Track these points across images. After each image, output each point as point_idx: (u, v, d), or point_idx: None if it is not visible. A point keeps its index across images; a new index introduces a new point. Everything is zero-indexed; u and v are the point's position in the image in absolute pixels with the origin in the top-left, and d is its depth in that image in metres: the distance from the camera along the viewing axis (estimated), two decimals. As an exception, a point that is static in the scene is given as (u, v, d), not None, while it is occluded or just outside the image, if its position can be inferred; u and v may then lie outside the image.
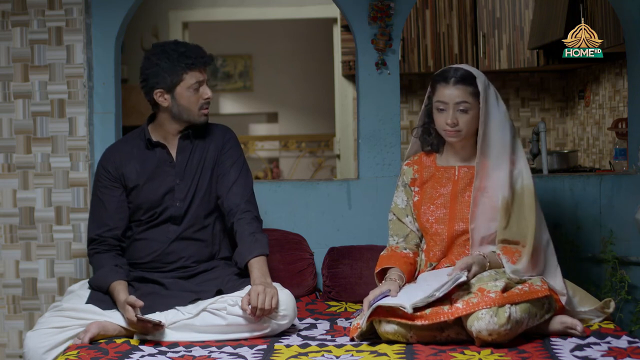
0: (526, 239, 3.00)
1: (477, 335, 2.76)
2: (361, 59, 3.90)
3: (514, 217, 3.02)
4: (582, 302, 3.08)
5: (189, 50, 3.19)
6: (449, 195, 3.11)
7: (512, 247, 3.00)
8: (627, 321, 3.80)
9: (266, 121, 10.32)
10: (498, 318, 2.74)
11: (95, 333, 2.95)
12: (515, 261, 2.96)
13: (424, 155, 3.24)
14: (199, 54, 3.21)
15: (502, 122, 3.06)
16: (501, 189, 3.02)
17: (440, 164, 3.19)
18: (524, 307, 2.82)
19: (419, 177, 3.20)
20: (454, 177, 3.13)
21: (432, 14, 6.02)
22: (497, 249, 3.00)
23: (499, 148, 3.04)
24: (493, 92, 3.09)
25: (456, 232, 3.06)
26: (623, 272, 3.78)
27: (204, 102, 3.23)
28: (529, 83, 6.39)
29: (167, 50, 3.19)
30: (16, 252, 3.82)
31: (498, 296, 2.77)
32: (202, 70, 3.22)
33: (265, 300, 2.93)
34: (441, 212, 3.10)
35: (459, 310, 2.78)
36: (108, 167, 3.28)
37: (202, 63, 3.20)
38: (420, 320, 2.80)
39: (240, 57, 10.10)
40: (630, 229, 3.84)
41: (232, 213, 3.21)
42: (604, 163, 5.41)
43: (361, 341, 2.91)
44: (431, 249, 3.12)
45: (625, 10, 3.92)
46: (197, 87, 3.21)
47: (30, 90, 3.81)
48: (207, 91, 3.24)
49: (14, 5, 3.79)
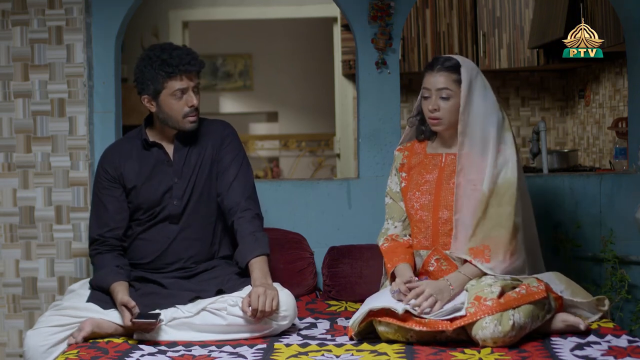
0: (500, 234, 2.96)
1: (483, 343, 2.76)
2: (361, 58, 3.90)
3: (490, 209, 2.99)
4: (575, 294, 3.08)
5: (172, 58, 3.12)
6: (434, 182, 3.11)
7: (479, 247, 2.97)
8: (627, 320, 3.80)
9: (266, 120, 10.32)
10: (502, 326, 2.74)
11: (89, 331, 2.95)
12: (489, 259, 2.94)
13: (417, 142, 3.25)
14: (182, 61, 3.13)
15: (486, 113, 3.05)
16: (485, 181, 3.00)
17: (429, 152, 3.19)
18: (526, 311, 2.81)
19: (407, 163, 3.21)
20: (440, 164, 3.13)
21: (432, 13, 6.02)
22: (466, 255, 2.97)
23: (481, 139, 3.02)
24: (481, 82, 3.08)
25: (440, 219, 3.05)
26: (623, 271, 3.78)
27: (188, 110, 3.17)
28: (529, 82, 6.39)
29: (152, 56, 3.15)
30: (16, 251, 3.82)
31: (495, 303, 2.77)
32: (186, 78, 3.14)
33: (266, 302, 2.92)
34: (426, 199, 3.10)
35: (458, 322, 2.78)
36: (107, 167, 3.27)
37: (183, 71, 3.13)
38: (419, 325, 2.80)
39: (240, 57, 10.09)
40: (631, 228, 3.84)
41: (233, 211, 3.20)
42: (604, 162, 5.41)
43: (361, 339, 2.90)
44: (416, 236, 3.12)
45: (625, 9, 3.92)
46: (180, 94, 3.15)
47: (30, 90, 3.81)
48: (192, 99, 3.17)
49: (14, 4, 3.79)
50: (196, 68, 3.16)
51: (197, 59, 3.17)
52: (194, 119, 3.20)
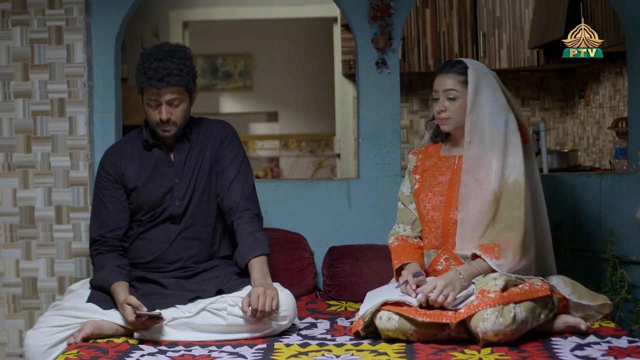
0: (511, 235, 2.98)
1: (483, 336, 2.76)
2: (361, 58, 3.90)
3: (502, 212, 3.01)
4: (582, 297, 3.09)
5: (150, 69, 3.10)
6: (447, 183, 3.14)
7: (489, 244, 2.99)
8: (627, 320, 3.80)
9: (266, 120, 10.32)
10: (503, 318, 2.74)
11: (89, 332, 2.95)
12: (498, 256, 2.96)
13: (431, 146, 3.30)
14: (155, 75, 3.09)
15: (494, 115, 3.08)
16: (493, 182, 3.03)
17: (443, 154, 3.23)
18: (527, 307, 2.82)
19: (421, 165, 3.24)
20: (454, 166, 3.16)
21: (432, 13, 6.02)
22: (476, 250, 2.99)
23: (490, 139, 3.06)
24: (491, 83, 3.12)
25: (451, 219, 3.08)
26: (623, 271, 3.78)
27: (159, 122, 3.15)
28: (529, 82, 6.39)
29: (140, 60, 3.16)
30: (16, 251, 3.82)
31: (497, 295, 2.78)
32: (156, 92, 3.12)
33: (266, 302, 2.92)
34: (438, 200, 3.12)
35: (461, 314, 2.80)
36: (108, 168, 3.28)
37: (152, 86, 3.10)
38: (423, 317, 2.81)
39: (240, 57, 10.10)
40: (631, 228, 3.85)
41: (232, 212, 3.20)
42: (604, 162, 5.41)
43: (365, 335, 2.91)
44: (426, 236, 3.14)
45: (626, 9, 3.92)
46: (154, 104, 3.14)
47: (30, 90, 3.81)
48: (162, 113, 3.13)
49: (14, 4, 3.79)
50: (164, 86, 3.10)
51: (173, 76, 3.10)
52: (166, 130, 3.18)
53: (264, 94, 10.12)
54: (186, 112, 3.21)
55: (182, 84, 3.13)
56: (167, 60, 3.12)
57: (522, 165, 3.05)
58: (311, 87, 9.65)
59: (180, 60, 3.14)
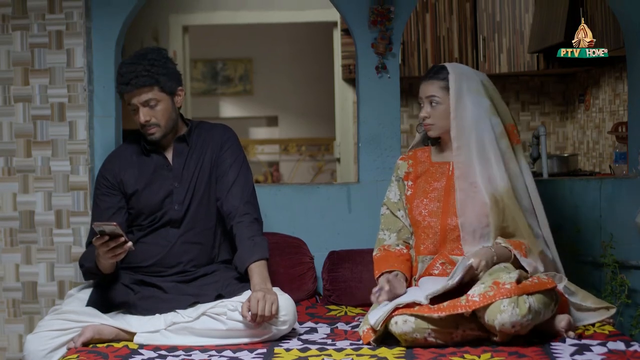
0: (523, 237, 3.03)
1: (500, 328, 2.76)
2: (361, 63, 3.90)
3: (508, 214, 3.04)
4: (584, 299, 3.11)
5: (120, 75, 3.13)
6: (442, 189, 3.14)
7: (516, 240, 3.02)
8: (627, 325, 3.80)
9: (266, 125, 10.33)
10: (520, 309, 2.75)
11: (89, 337, 2.95)
12: (526, 255, 2.99)
13: (419, 151, 3.29)
14: (122, 79, 3.11)
15: (478, 118, 3.09)
16: (487, 186, 3.05)
17: (435, 160, 3.23)
18: (539, 298, 2.83)
19: (414, 171, 3.24)
20: (448, 172, 3.16)
21: (432, 18, 6.02)
22: (502, 242, 3.01)
23: (477, 143, 3.07)
24: (474, 87, 3.13)
25: (449, 225, 3.08)
26: (623, 276, 3.77)
27: (141, 125, 3.17)
28: (529, 87, 6.39)
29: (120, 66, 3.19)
30: (16, 255, 3.82)
31: (513, 287, 2.78)
32: (127, 95, 3.13)
33: (265, 307, 2.92)
34: (434, 205, 3.12)
35: (476, 303, 2.78)
36: (106, 174, 3.28)
37: (122, 90, 3.14)
38: (438, 312, 2.80)
39: (240, 61, 10.11)
40: (631, 232, 3.84)
41: (232, 216, 3.20)
42: (604, 167, 5.41)
43: (378, 345, 2.89)
44: (422, 242, 3.13)
45: (625, 14, 3.92)
46: (133, 108, 3.16)
47: (30, 94, 3.81)
48: (139, 116, 3.13)
49: (15, 9, 3.79)
50: (132, 89, 3.11)
51: (140, 77, 3.10)
52: (151, 133, 3.18)
53: (264, 99, 10.13)
54: (169, 112, 3.18)
55: (152, 84, 3.12)
56: (136, 63, 3.13)
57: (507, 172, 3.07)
58: (311, 91, 9.66)
59: (149, 61, 3.14)
